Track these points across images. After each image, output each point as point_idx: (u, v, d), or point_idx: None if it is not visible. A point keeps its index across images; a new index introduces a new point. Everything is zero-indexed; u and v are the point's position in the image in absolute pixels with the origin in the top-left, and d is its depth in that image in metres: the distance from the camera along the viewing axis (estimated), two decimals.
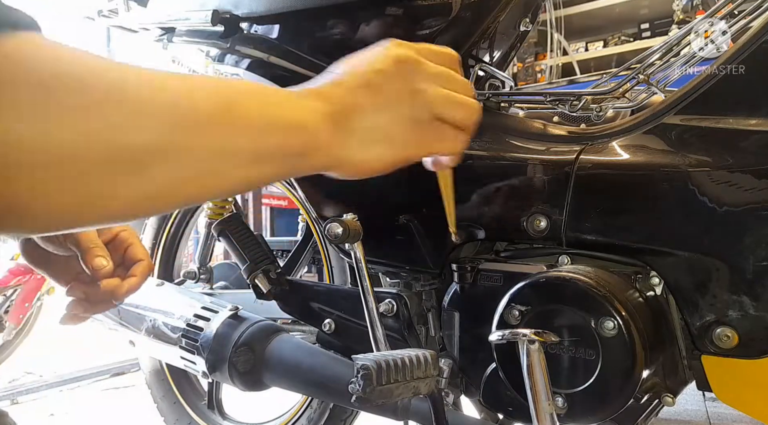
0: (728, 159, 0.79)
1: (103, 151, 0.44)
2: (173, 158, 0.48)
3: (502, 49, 1.20)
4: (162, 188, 0.49)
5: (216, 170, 0.51)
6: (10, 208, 0.42)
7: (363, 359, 0.75)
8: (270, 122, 0.54)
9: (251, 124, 0.53)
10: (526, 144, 0.96)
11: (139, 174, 0.46)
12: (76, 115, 0.43)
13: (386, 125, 0.61)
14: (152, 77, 0.48)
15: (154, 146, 0.47)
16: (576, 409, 0.81)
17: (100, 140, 0.44)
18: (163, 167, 0.48)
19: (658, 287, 0.85)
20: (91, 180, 0.44)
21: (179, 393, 1.68)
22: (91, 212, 0.46)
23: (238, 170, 0.53)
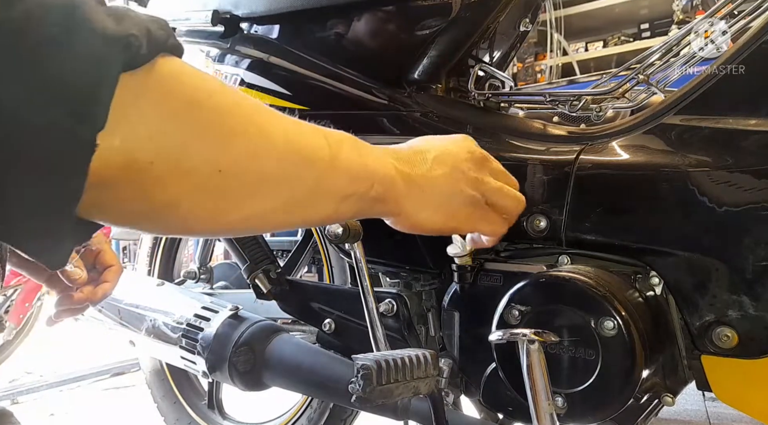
0: (728, 159, 0.79)
1: (238, 173, 0.52)
2: (286, 187, 0.57)
3: (502, 50, 1.21)
4: (271, 211, 0.58)
5: (314, 202, 0.61)
6: (160, 208, 0.49)
7: (363, 359, 0.75)
8: (364, 171, 0.65)
9: (350, 169, 0.63)
10: (526, 144, 0.96)
11: (260, 195, 0.55)
12: (222, 140, 0.51)
13: (446, 198, 0.74)
14: (274, 115, 0.57)
15: (277, 174, 0.56)
16: (576, 409, 0.81)
17: (238, 163, 0.52)
18: (277, 192, 0.57)
19: (658, 287, 0.85)
20: (224, 195, 0.52)
21: (179, 392, 1.68)
22: (215, 222, 0.55)
23: (329, 206, 0.63)
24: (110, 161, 0.43)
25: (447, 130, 1.04)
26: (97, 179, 0.42)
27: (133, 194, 0.46)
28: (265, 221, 0.59)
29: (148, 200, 0.48)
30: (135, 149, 0.45)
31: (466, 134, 1.01)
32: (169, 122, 0.47)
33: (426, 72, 1.10)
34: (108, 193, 0.45)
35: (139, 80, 0.44)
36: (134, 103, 0.44)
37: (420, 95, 1.10)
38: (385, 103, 1.11)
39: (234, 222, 0.56)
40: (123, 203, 0.47)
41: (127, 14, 0.44)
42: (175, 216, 0.51)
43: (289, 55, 1.19)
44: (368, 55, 1.15)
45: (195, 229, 0.55)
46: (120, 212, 0.48)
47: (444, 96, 1.11)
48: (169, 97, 0.47)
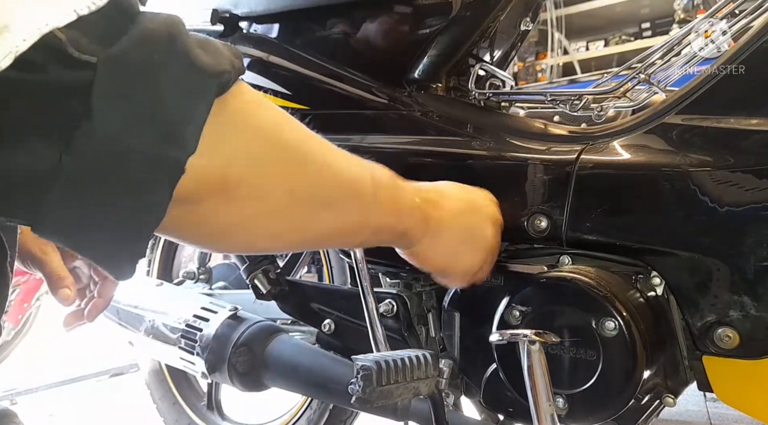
0: (729, 159, 0.78)
1: (305, 197, 0.58)
2: (340, 215, 0.63)
3: (503, 49, 1.20)
4: (321, 235, 0.64)
5: (354, 231, 0.68)
6: (233, 226, 0.54)
7: (363, 359, 0.75)
8: (396, 208, 0.72)
9: (386, 205, 0.70)
10: (527, 144, 0.95)
11: (317, 220, 0.61)
12: (298, 164, 0.56)
13: (457, 248, 0.82)
14: (331, 146, 0.63)
15: (334, 202, 0.62)
16: (577, 410, 0.80)
17: (307, 188, 0.58)
18: (331, 219, 0.63)
19: (659, 288, 0.84)
20: (290, 217, 0.58)
21: (178, 393, 1.67)
22: (277, 240, 0.61)
23: (364, 235, 0.70)
24: (203, 179, 0.47)
25: (447, 129, 1.04)
26: (185, 195, 0.46)
27: (215, 212, 0.51)
28: (313, 243, 0.68)
29: (225, 219, 0.52)
30: (226, 169, 0.49)
31: (467, 132, 1.01)
32: (255, 145, 0.52)
33: (426, 71, 1.10)
34: (192, 211, 0.49)
35: (227, 106, 0.48)
36: (224, 127, 0.48)
37: (420, 94, 1.10)
38: (385, 103, 1.11)
39: (290, 244, 0.63)
40: (202, 221, 0.51)
41: (215, 46, 0.48)
42: (243, 234, 0.56)
43: (288, 55, 1.19)
44: (368, 54, 1.15)
45: (257, 246, 0.62)
46: (196, 229, 0.52)
47: (444, 95, 1.11)
48: (255, 121, 0.52)
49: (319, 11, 1.17)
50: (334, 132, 1.12)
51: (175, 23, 0.45)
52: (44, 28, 0.37)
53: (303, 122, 0.60)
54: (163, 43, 0.43)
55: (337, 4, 1.14)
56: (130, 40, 0.41)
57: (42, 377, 2.78)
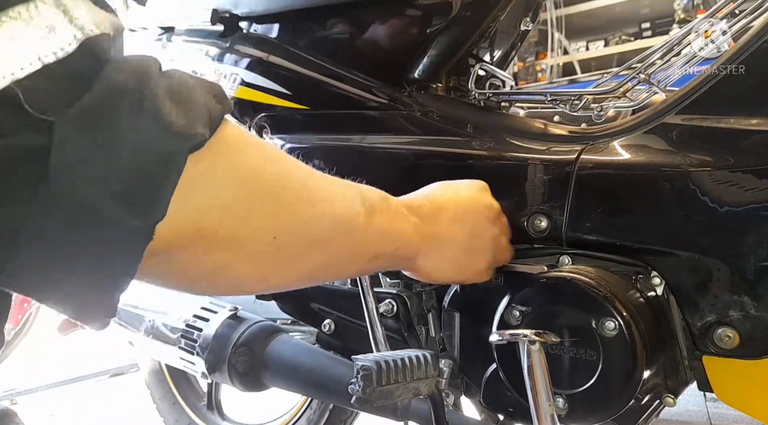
0: (730, 159, 0.78)
1: (289, 240, 0.56)
2: (328, 250, 0.62)
3: (503, 49, 1.20)
4: (311, 272, 0.63)
5: (349, 263, 0.68)
6: (213, 272, 0.52)
7: (363, 359, 0.75)
8: (391, 233, 0.70)
9: (380, 233, 0.68)
10: (527, 144, 0.95)
11: (305, 258, 0.59)
12: (280, 209, 0.55)
13: (461, 253, 0.81)
14: (321, 179, 0.61)
15: (321, 239, 0.60)
16: (577, 410, 0.80)
17: (291, 231, 0.56)
18: (320, 256, 0.61)
19: (659, 288, 0.84)
20: (274, 260, 0.56)
21: (178, 393, 1.67)
22: (263, 283, 0.60)
23: (360, 265, 0.70)
24: (175, 233, 0.45)
25: (447, 129, 1.04)
26: (158, 250, 0.44)
27: (193, 261, 0.49)
28: (305, 281, 0.65)
29: (204, 266, 0.51)
30: (201, 220, 0.47)
31: (467, 132, 1.01)
32: (234, 192, 0.50)
33: (426, 71, 1.10)
34: (167, 262, 0.47)
35: (202, 157, 0.45)
36: (198, 178, 0.46)
37: (420, 95, 1.09)
38: (385, 103, 1.11)
39: (280, 283, 0.62)
40: (180, 271, 0.50)
41: (189, 96, 0.45)
42: (226, 279, 0.54)
43: (288, 55, 1.18)
44: (368, 54, 1.15)
45: (245, 289, 0.59)
46: (174, 278, 0.51)
47: (444, 95, 1.11)
48: (232, 167, 0.50)
49: (319, 11, 1.17)
50: (334, 132, 1.12)
51: (146, 73, 0.42)
52: (1, 81, 0.34)
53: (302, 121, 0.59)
54: (130, 102, 0.40)
55: (337, 4, 1.14)
56: (93, 99, 0.38)
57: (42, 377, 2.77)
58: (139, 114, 0.41)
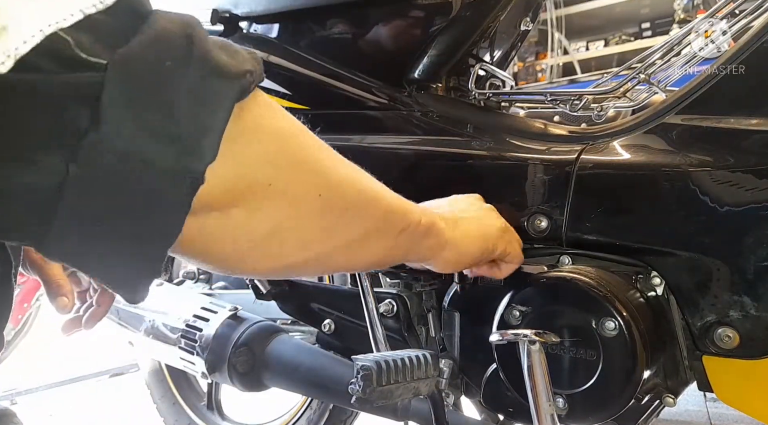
0: (729, 159, 0.78)
1: (332, 199, 0.55)
2: (360, 219, 0.61)
3: (503, 49, 1.20)
4: (346, 242, 0.61)
5: (379, 237, 0.65)
6: (262, 237, 0.51)
7: (363, 359, 0.75)
8: (411, 206, 0.69)
9: (401, 205, 0.67)
10: (527, 144, 0.95)
11: (342, 227, 0.59)
12: (320, 166, 0.54)
13: (480, 248, 0.80)
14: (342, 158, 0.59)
15: (357, 204, 0.59)
16: (577, 410, 0.80)
17: (332, 189, 0.55)
18: (358, 221, 0.60)
19: (660, 288, 0.84)
20: (315, 224, 0.55)
21: (178, 393, 1.67)
22: (302, 252, 0.56)
23: (389, 240, 0.67)
24: (227, 187, 0.44)
25: (447, 129, 1.04)
26: (209, 204, 0.43)
27: (245, 221, 0.48)
28: (341, 255, 0.62)
29: (255, 229, 0.49)
30: (252, 174, 0.46)
31: (467, 132, 1.01)
32: (281, 146, 0.49)
33: (426, 71, 1.10)
34: (219, 222, 0.46)
35: (246, 110, 0.45)
36: (246, 131, 0.45)
37: (420, 95, 1.09)
38: (385, 103, 1.11)
39: (319, 254, 0.58)
40: (230, 234, 0.48)
41: (235, 49, 0.45)
42: (275, 245, 0.53)
43: (288, 55, 1.18)
44: (368, 54, 1.15)
45: (285, 261, 0.56)
46: (222, 245, 0.48)
47: (444, 95, 1.11)
48: (276, 126, 0.49)
49: (319, 11, 1.16)
50: (334, 132, 1.12)
51: (192, 23, 0.42)
52: (47, 29, 0.34)
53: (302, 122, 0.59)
54: (180, 44, 0.40)
55: (337, 4, 1.14)
56: (143, 41, 0.38)
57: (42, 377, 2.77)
58: (190, 56, 0.40)
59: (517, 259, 0.87)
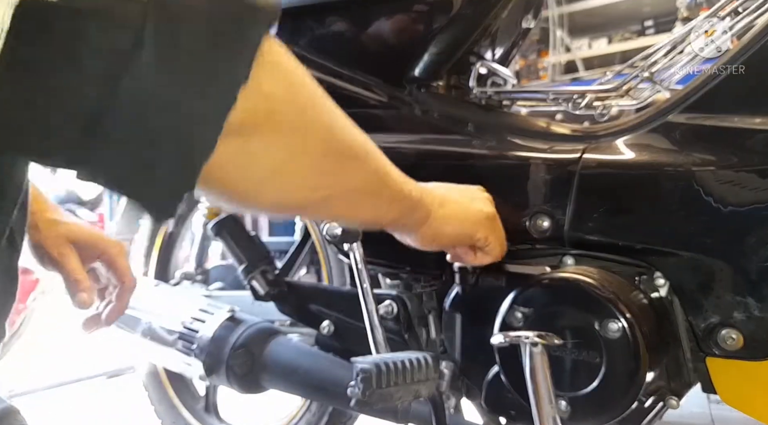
0: (734, 158, 0.78)
1: (342, 138, 0.62)
2: (362, 167, 0.65)
3: (504, 47, 1.20)
4: (345, 190, 0.64)
5: (377, 192, 0.69)
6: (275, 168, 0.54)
7: (362, 361, 0.75)
8: (403, 176, 0.72)
9: (396, 172, 0.71)
10: (529, 143, 0.95)
11: (343, 171, 0.63)
12: (332, 107, 0.60)
13: (456, 230, 0.82)
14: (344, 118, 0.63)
15: (362, 152, 0.65)
16: (579, 412, 0.80)
17: (344, 130, 0.62)
18: (361, 169, 0.65)
19: (663, 289, 0.84)
20: (323, 165, 0.59)
21: (176, 395, 1.67)
22: (305, 189, 0.60)
23: (384, 202, 0.70)
24: (251, 110, 0.47)
25: (448, 128, 1.04)
26: (236, 128, 0.46)
27: (266, 147, 0.51)
28: (342, 202, 0.65)
29: (271, 159, 0.53)
30: (275, 102, 0.50)
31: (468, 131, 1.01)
32: (300, 81, 0.54)
33: (427, 70, 1.10)
34: (243, 147, 0.49)
35: (271, 45, 0.48)
36: (271, 63, 0.48)
37: (421, 93, 1.09)
38: (385, 102, 1.11)
39: (322, 197, 0.61)
40: (251, 160, 0.51)
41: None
42: (284, 181, 0.56)
43: None
44: (368, 52, 1.15)
45: (292, 194, 0.59)
46: (243, 171, 0.51)
47: (445, 94, 1.11)
48: (293, 64, 0.53)
49: (319, 9, 1.16)
50: None
51: None
52: None
53: None
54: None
55: (337, 3, 1.14)
56: None
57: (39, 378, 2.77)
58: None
59: (495, 252, 0.87)
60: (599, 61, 4.98)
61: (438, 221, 0.79)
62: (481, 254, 0.87)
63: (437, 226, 0.79)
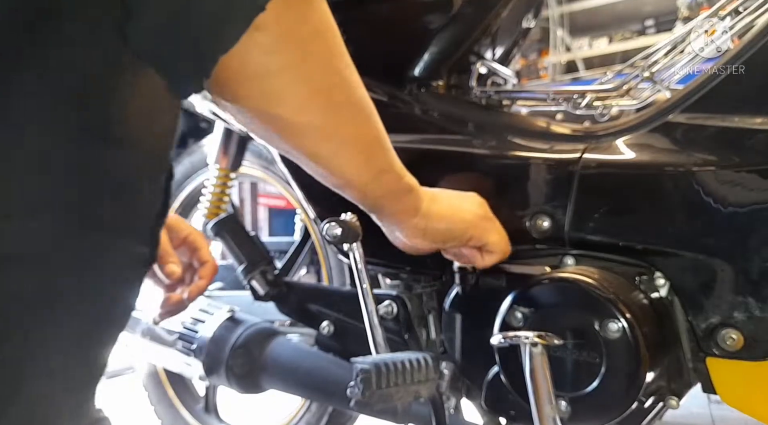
0: (734, 158, 0.78)
1: (345, 81, 0.66)
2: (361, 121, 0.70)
3: (505, 46, 1.20)
4: (342, 141, 0.68)
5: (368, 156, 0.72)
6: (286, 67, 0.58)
7: (362, 362, 0.75)
8: (401, 166, 0.76)
9: (393, 155, 0.75)
10: (529, 142, 0.95)
11: (345, 116, 0.67)
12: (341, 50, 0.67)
13: (447, 227, 0.83)
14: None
15: (360, 106, 0.69)
16: (579, 413, 0.80)
17: (348, 76, 0.67)
18: (355, 122, 0.69)
19: (663, 289, 0.84)
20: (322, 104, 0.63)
21: (175, 396, 1.67)
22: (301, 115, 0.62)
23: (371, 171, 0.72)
24: (274, 24, 0.52)
25: (448, 128, 1.04)
26: (257, 34, 0.51)
27: (272, 62, 0.55)
28: (337, 151, 0.68)
29: (276, 72, 0.57)
30: (293, 27, 0.55)
31: (468, 131, 1.01)
32: (319, 22, 0.61)
33: (427, 69, 1.10)
34: (258, 55, 0.53)
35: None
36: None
37: (421, 93, 1.09)
38: (385, 101, 1.11)
39: (315, 140, 0.65)
40: (258, 67, 0.55)
41: None
42: (287, 98, 0.60)
43: None
44: (368, 52, 1.14)
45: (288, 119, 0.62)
46: (250, 78, 0.55)
47: (445, 93, 1.11)
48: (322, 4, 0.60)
49: None
50: None
51: None
52: None
53: None
54: None
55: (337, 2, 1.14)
56: None
57: None
58: None
59: (499, 249, 0.87)
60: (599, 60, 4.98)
61: (428, 217, 0.80)
62: (487, 255, 0.88)
63: (427, 221, 0.80)
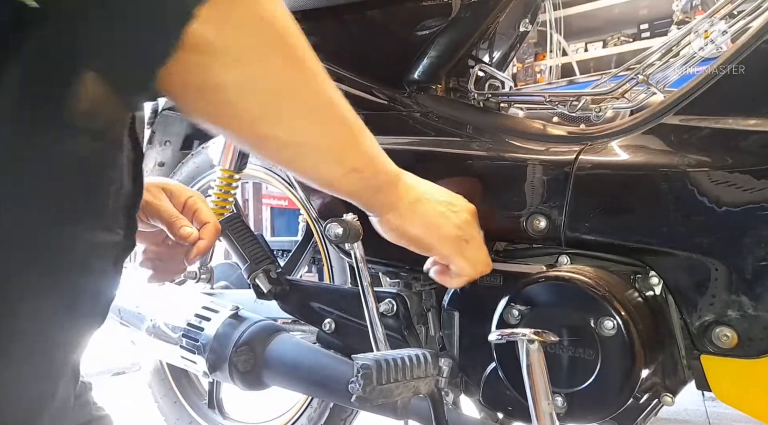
0: (727, 159, 0.79)
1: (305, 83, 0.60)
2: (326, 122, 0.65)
3: (502, 50, 1.21)
4: (295, 142, 0.63)
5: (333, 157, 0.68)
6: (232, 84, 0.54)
7: (363, 358, 0.75)
8: (376, 160, 0.73)
9: (367, 152, 0.71)
10: (526, 144, 0.96)
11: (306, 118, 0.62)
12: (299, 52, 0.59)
13: (434, 220, 0.80)
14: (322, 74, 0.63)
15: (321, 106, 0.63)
16: (575, 409, 0.81)
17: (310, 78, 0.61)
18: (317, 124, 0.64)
19: (658, 287, 0.85)
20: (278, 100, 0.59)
21: (180, 392, 1.67)
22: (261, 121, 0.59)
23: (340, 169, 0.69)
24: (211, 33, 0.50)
25: (446, 130, 1.05)
26: (194, 43, 0.49)
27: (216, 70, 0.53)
28: (291, 152, 0.64)
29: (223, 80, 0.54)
30: (233, 34, 0.52)
31: (466, 133, 1.02)
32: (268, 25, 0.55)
33: (426, 72, 1.10)
34: (198, 62, 0.51)
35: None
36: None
37: (420, 96, 1.10)
38: (384, 104, 1.11)
39: (264, 136, 0.61)
40: (208, 70, 0.53)
41: None
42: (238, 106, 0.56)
43: None
44: (368, 55, 1.15)
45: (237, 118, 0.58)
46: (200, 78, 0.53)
47: (444, 96, 1.11)
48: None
49: (319, 13, 1.17)
50: None
51: None
52: None
53: None
54: None
55: (337, 6, 1.14)
56: None
57: None
58: None
59: (465, 273, 0.85)
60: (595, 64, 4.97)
61: (403, 217, 0.79)
62: (456, 278, 0.86)
63: (401, 221, 0.79)
